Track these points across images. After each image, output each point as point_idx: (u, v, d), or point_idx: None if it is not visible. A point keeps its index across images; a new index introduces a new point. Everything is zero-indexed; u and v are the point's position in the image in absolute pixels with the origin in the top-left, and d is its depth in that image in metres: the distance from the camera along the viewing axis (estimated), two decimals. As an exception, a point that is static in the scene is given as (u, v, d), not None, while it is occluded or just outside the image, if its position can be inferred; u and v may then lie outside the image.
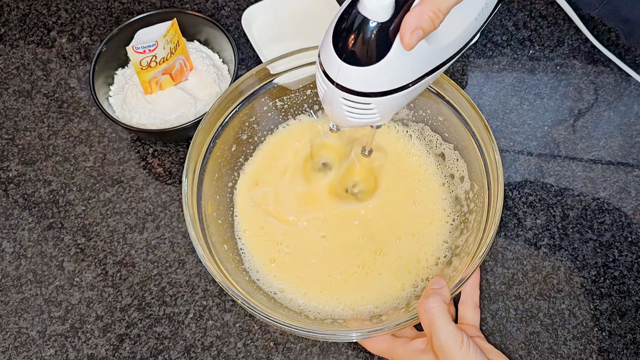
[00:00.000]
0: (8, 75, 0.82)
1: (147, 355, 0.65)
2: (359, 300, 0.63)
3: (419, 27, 0.42)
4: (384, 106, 0.48)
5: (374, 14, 0.43)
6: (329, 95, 0.48)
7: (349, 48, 0.44)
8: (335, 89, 0.47)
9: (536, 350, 0.64)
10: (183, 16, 0.77)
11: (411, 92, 0.48)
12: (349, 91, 0.46)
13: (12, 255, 0.71)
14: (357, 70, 0.45)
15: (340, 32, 0.45)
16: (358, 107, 0.48)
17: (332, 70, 0.46)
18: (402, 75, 0.46)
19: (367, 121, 0.50)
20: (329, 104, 0.49)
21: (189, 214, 0.59)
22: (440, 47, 0.48)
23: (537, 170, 0.73)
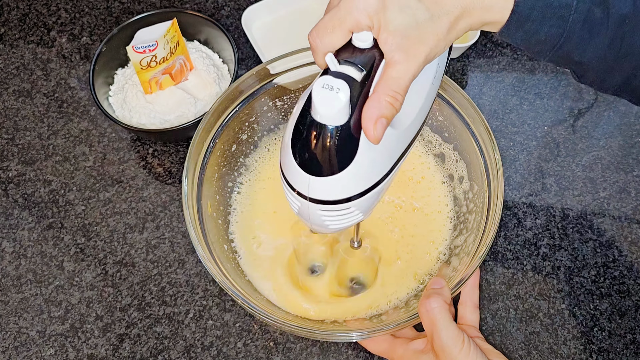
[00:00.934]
0: (8, 75, 0.82)
1: (147, 355, 0.65)
2: (359, 300, 0.63)
3: (382, 116, 0.40)
4: (364, 205, 0.45)
5: (330, 119, 0.40)
6: (304, 211, 0.45)
7: (314, 160, 0.41)
8: (309, 203, 0.44)
9: (536, 350, 0.64)
10: (183, 16, 0.77)
11: (389, 181, 0.46)
12: (325, 202, 0.43)
13: (12, 255, 0.71)
14: (329, 180, 0.42)
15: (300, 144, 0.41)
16: (338, 214, 0.45)
17: (302, 186, 0.43)
18: (376, 170, 0.44)
19: (351, 223, 0.47)
20: (307, 218, 0.46)
21: (189, 214, 0.59)
22: (405, 127, 0.45)
23: (537, 170, 0.73)
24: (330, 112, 0.39)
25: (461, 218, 0.66)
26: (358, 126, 0.41)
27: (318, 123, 0.40)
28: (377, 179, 0.44)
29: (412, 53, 0.42)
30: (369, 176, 0.43)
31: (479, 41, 0.81)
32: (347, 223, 0.47)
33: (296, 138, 0.42)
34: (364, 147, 0.41)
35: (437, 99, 0.65)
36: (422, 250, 0.65)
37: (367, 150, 0.41)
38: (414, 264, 0.65)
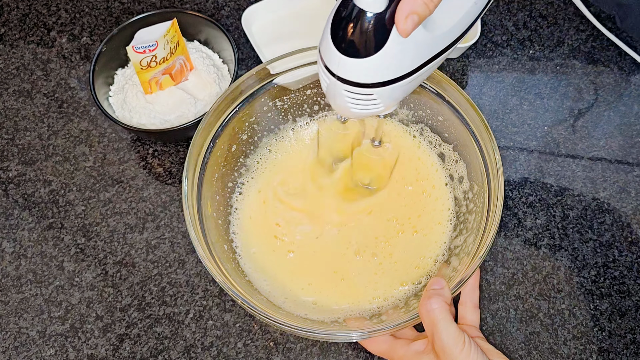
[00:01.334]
0: (8, 75, 0.82)
1: (147, 355, 0.65)
2: (359, 299, 0.63)
3: (414, 12, 0.42)
4: (386, 96, 0.48)
5: (369, 5, 0.43)
6: (331, 89, 0.48)
7: (347, 41, 0.44)
8: (337, 81, 0.47)
9: (536, 350, 0.64)
10: (183, 16, 0.77)
11: (413, 81, 0.48)
12: (350, 83, 0.46)
13: (12, 255, 0.71)
14: (357, 62, 0.45)
15: (337, 25, 0.45)
16: (361, 99, 0.48)
17: (333, 64, 0.46)
18: (402, 64, 0.46)
19: (372, 111, 0.50)
20: (332, 97, 0.50)
21: (189, 214, 0.59)
22: (439, 34, 0.48)
23: (537, 170, 0.73)
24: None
25: (461, 218, 0.66)
26: (392, 19, 0.43)
27: (357, 7, 0.43)
28: (402, 73, 0.47)
29: None
30: (394, 68, 0.46)
31: (479, 41, 0.81)
32: (367, 110, 0.49)
33: (336, 19, 0.45)
34: (394, 39, 0.44)
35: (437, 99, 0.65)
36: (421, 250, 0.65)
37: (397, 42, 0.44)
38: (413, 264, 0.65)
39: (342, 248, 0.66)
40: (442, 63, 0.79)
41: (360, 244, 0.66)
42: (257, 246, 0.67)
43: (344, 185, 0.67)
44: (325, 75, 0.48)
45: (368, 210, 0.67)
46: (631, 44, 0.77)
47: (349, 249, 0.66)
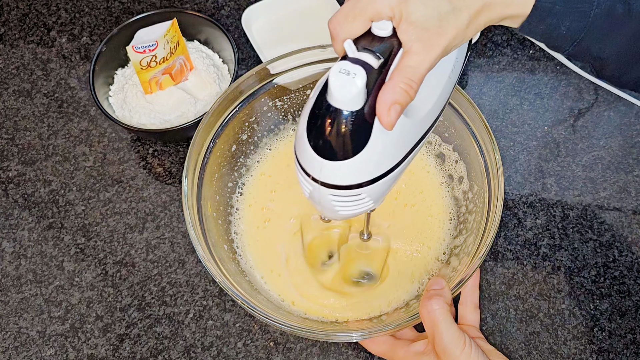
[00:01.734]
0: (8, 75, 0.82)
1: (147, 355, 0.65)
2: (358, 299, 0.63)
3: (396, 102, 0.40)
4: (376, 192, 0.45)
5: (346, 104, 0.40)
6: (315, 195, 0.46)
7: (327, 143, 0.41)
8: (321, 187, 0.44)
9: (536, 350, 0.64)
10: (183, 16, 0.77)
11: (399, 172, 0.46)
12: (336, 187, 0.44)
13: (12, 255, 0.71)
14: (341, 164, 0.42)
15: (315, 129, 0.42)
16: (349, 200, 0.45)
17: (314, 170, 0.43)
18: (388, 158, 0.44)
19: (362, 210, 0.47)
20: (318, 203, 0.47)
21: (189, 214, 0.59)
22: (421, 117, 0.46)
23: (537, 170, 0.73)
24: (346, 97, 0.40)
25: (461, 218, 0.66)
26: (372, 113, 0.41)
27: (333, 108, 0.41)
28: (389, 166, 0.44)
29: (431, 44, 0.42)
30: (381, 163, 0.44)
31: (479, 41, 0.81)
32: (357, 210, 0.47)
33: (311, 122, 0.42)
34: (377, 134, 0.42)
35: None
36: (421, 250, 0.65)
37: (380, 137, 0.42)
38: (413, 264, 0.65)
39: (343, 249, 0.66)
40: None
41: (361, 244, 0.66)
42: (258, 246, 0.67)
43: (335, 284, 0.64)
44: (306, 182, 0.45)
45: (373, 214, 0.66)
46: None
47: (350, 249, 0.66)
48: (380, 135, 0.42)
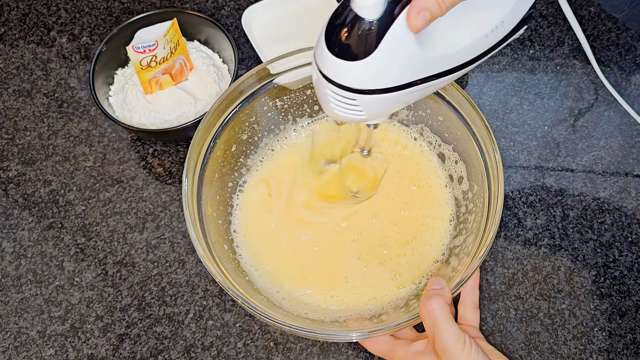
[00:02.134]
0: (8, 75, 0.82)
1: (147, 355, 0.65)
2: (358, 299, 0.63)
3: (426, 9, 0.42)
4: (369, 105, 0.48)
5: (363, 11, 0.43)
6: (318, 85, 0.49)
7: (337, 42, 0.45)
8: (322, 78, 0.47)
9: (536, 350, 0.64)
10: (183, 16, 0.77)
11: (399, 97, 0.48)
12: (334, 83, 0.47)
13: (12, 255, 0.71)
14: (343, 64, 0.45)
15: (332, 26, 0.45)
16: (344, 102, 0.48)
17: (321, 61, 0.46)
18: (388, 76, 0.46)
19: (354, 117, 0.49)
20: (318, 94, 0.50)
21: (189, 214, 0.59)
22: (434, 56, 0.47)
23: (537, 170, 0.73)
24: (366, 3, 0.42)
25: (461, 218, 0.66)
26: (384, 28, 0.43)
27: (352, 11, 0.43)
28: (386, 85, 0.46)
29: None
30: (379, 78, 0.46)
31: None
32: (350, 115, 0.49)
33: (332, 19, 0.45)
34: (383, 49, 0.44)
35: (437, 99, 0.65)
36: (421, 250, 0.65)
37: (386, 52, 0.44)
38: (413, 264, 0.65)
39: (343, 249, 0.66)
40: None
41: (361, 244, 0.66)
42: (258, 246, 0.67)
43: (330, 189, 0.68)
44: (315, 70, 0.48)
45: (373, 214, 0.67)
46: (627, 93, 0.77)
47: (350, 249, 0.66)
48: (385, 51, 0.44)
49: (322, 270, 0.65)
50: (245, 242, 0.67)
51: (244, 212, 0.68)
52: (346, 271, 0.65)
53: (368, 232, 0.66)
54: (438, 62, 0.48)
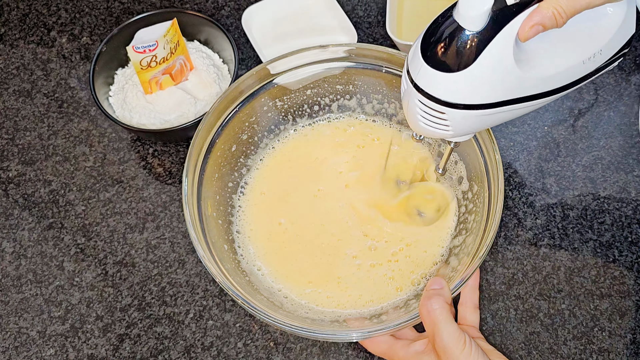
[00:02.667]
0: (8, 75, 0.82)
1: (147, 355, 0.65)
2: (358, 299, 0.63)
3: (540, 23, 0.43)
4: (457, 121, 0.47)
5: (466, 22, 0.42)
6: (406, 95, 0.48)
7: (434, 51, 0.44)
8: (412, 88, 0.46)
9: (536, 350, 0.64)
10: (183, 16, 0.77)
11: (489, 116, 0.47)
12: (425, 94, 0.46)
13: (12, 255, 0.71)
14: (437, 75, 0.44)
15: (430, 35, 0.45)
16: (431, 115, 0.47)
17: (414, 69, 0.45)
18: (481, 92, 0.45)
19: (439, 132, 0.48)
20: (405, 105, 0.49)
21: (189, 214, 0.59)
22: (531, 76, 0.46)
23: (537, 170, 0.73)
24: (470, 14, 0.42)
25: (461, 218, 0.66)
26: (484, 42, 0.43)
27: (454, 19, 0.43)
28: (478, 101, 0.46)
29: None
30: (472, 93, 0.45)
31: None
32: (436, 129, 0.48)
33: (432, 27, 0.45)
34: (482, 62, 0.43)
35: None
36: (421, 250, 0.65)
37: (483, 67, 0.44)
38: (413, 264, 0.65)
39: (344, 248, 0.66)
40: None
41: (362, 244, 0.66)
42: (259, 245, 0.67)
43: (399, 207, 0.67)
44: (405, 79, 0.47)
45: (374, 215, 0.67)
46: None
47: (350, 249, 0.66)
48: (484, 66, 0.43)
49: (322, 270, 0.65)
50: (248, 243, 0.67)
51: (246, 212, 0.69)
52: (347, 271, 0.65)
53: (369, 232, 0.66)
54: (533, 83, 0.47)
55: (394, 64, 0.66)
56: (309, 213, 0.68)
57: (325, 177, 0.70)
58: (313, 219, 0.67)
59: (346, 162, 0.70)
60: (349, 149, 0.71)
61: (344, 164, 0.70)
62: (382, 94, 0.70)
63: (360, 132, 0.72)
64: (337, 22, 0.80)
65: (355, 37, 0.78)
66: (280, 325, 0.55)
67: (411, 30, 0.80)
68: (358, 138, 0.72)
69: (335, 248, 0.66)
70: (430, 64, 0.44)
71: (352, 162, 0.70)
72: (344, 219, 0.67)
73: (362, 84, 0.70)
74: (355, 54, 0.66)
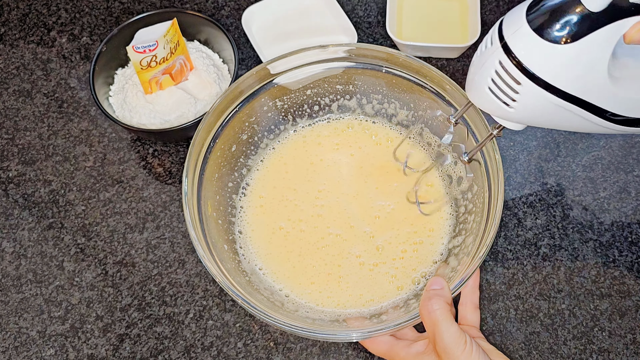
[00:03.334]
0: (8, 75, 0.82)
1: (147, 355, 0.65)
2: (358, 299, 0.63)
3: None
4: (527, 98, 0.45)
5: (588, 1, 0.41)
6: (486, 55, 0.46)
7: (541, 16, 0.42)
8: (499, 48, 0.44)
9: (536, 350, 0.64)
10: (183, 16, 0.77)
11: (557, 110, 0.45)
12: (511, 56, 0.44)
13: (12, 255, 0.71)
14: (534, 39, 0.42)
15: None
16: (505, 82, 0.45)
17: (509, 29, 0.44)
18: (568, 77, 0.44)
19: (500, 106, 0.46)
20: (479, 65, 0.47)
21: (189, 214, 0.59)
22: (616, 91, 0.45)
23: (537, 170, 0.73)
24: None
25: (460, 218, 0.66)
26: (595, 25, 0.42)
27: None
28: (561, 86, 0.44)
29: None
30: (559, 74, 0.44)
31: (480, 41, 0.81)
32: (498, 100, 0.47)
33: None
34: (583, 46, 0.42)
35: (437, 99, 0.65)
36: (421, 250, 0.65)
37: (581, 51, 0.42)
38: (413, 264, 0.65)
39: (344, 248, 0.66)
40: (443, 62, 0.79)
41: (361, 244, 0.66)
42: (259, 245, 0.67)
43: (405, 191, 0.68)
44: (490, 39, 0.45)
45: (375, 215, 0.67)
46: None
47: (351, 249, 0.66)
48: (581, 51, 0.42)
49: (323, 269, 0.65)
50: (249, 243, 0.67)
51: (247, 212, 0.69)
52: (347, 271, 0.65)
53: (370, 233, 0.66)
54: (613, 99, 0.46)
55: (394, 64, 0.66)
56: (309, 213, 0.68)
57: (326, 177, 0.70)
58: (314, 219, 0.67)
59: (347, 162, 0.70)
60: (349, 149, 0.71)
61: (344, 164, 0.70)
62: (382, 94, 0.70)
63: (360, 133, 0.72)
64: (337, 22, 0.80)
65: (356, 37, 0.78)
66: (280, 325, 0.55)
67: (411, 30, 0.80)
68: (358, 138, 0.72)
69: (336, 247, 0.66)
70: (532, 26, 0.42)
71: (352, 162, 0.70)
72: (345, 218, 0.67)
73: (362, 84, 0.70)
74: (355, 54, 0.66)
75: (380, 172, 0.69)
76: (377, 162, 0.70)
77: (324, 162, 0.70)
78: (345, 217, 0.67)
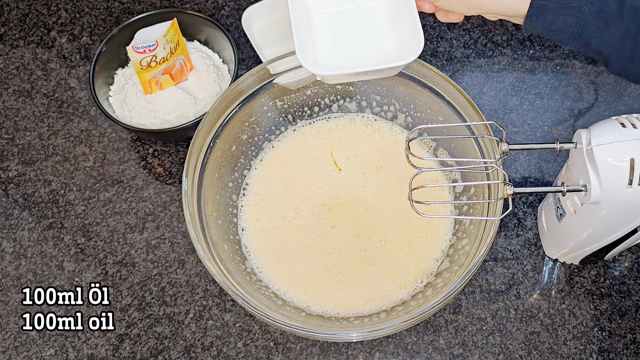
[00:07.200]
0: (8, 75, 0.82)
1: (147, 355, 0.65)
2: (358, 299, 0.63)
3: None
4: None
5: None
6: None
7: None
8: None
9: (536, 350, 0.64)
10: (183, 16, 0.77)
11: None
12: None
13: (12, 255, 0.71)
14: None
15: None
16: None
17: None
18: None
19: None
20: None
21: (189, 214, 0.59)
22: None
23: (537, 170, 0.73)
24: None
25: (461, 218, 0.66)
26: None
27: None
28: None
29: None
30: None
31: (479, 41, 0.81)
32: None
33: None
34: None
35: (437, 99, 0.65)
36: (421, 250, 0.65)
37: None
38: (413, 264, 0.65)
39: (344, 248, 0.66)
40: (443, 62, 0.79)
41: (361, 244, 0.66)
42: (259, 245, 0.67)
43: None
44: None
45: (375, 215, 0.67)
46: None
47: (351, 248, 0.66)
48: None
49: (322, 270, 0.65)
50: (248, 242, 0.67)
51: (246, 212, 0.69)
52: (347, 271, 0.65)
53: (370, 233, 0.66)
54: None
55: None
56: (309, 212, 0.68)
57: (325, 175, 0.70)
58: (314, 218, 0.67)
59: (346, 158, 0.70)
60: (348, 147, 0.71)
61: (343, 161, 0.70)
62: (382, 95, 0.70)
63: (360, 131, 0.72)
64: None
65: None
66: (280, 325, 0.55)
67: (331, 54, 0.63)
68: (360, 133, 0.72)
69: (337, 246, 0.66)
70: None
71: (351, 159, 0.70)
72: (345, 216, 0.67)
73: (362, 84, 0.70)
74: (355, 54, 0.66)
75: (383, 166, 0.69)
76: (379, 157, 0.70)
77: (323, 160, 0.70)
78: (346, 214, 0.67)
